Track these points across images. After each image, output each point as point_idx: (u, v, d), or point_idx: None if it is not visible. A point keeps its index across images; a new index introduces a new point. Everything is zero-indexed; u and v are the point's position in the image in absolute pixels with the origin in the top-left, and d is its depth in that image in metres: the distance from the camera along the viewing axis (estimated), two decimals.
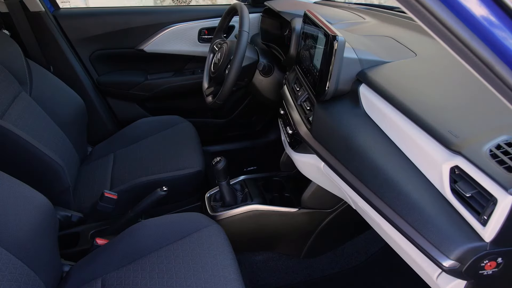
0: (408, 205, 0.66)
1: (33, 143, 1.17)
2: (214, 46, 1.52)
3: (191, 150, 1.53)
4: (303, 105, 1.08)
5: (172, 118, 1.76)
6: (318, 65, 0.98)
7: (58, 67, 1.72)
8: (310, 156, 1.06)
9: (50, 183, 1.23)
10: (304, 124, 1.03)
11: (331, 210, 1.32)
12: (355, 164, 0.79)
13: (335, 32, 0.90)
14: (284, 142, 1.29)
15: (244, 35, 1.24)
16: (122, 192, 1.35)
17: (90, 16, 1.79)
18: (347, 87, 0.93)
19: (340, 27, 1.26)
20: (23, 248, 0.90)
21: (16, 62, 1.40)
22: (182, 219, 1.14)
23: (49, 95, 1.49)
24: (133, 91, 1.87)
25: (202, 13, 1.84)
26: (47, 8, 1.68)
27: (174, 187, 1.34)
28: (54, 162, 1.21)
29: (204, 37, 1.83)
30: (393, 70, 0.92)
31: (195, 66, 1.91)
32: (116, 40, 1.79)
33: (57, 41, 1.70)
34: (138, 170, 1.44)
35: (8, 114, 1.25)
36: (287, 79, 1.28)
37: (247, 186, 1.44)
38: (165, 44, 1.81)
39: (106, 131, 1.87)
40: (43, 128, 1.38)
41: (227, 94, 1.29)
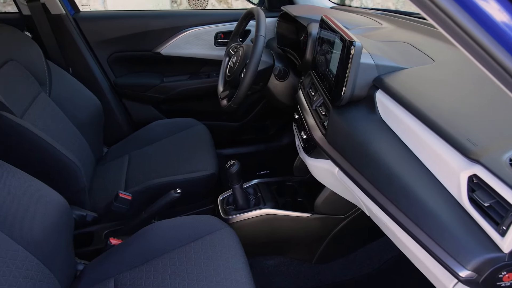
0: (424, 213, 0.65)
1: (51, 143, 1.19)
2: (230, 50, 1.53)
3: (205, 152, 1.54)
4: (318, 110, 1.08)
5: (186, 121, 1.77)
6: (334, 70, 0.97)
7: (77, 68, 1.76)
8: (324, 161, 1.06)
9: (66, 183, 1.25)
10: (319, 129, 1.03)
11: (344, 216, 1.31)
12: (371, 170, 0.79)
13: (352, 38, 0.90)
14: (298, 147, 1.29)
15: (260, 39, 1.24)
16: (136, 193, 1.36)
17: (109, 19, 1.82)
18: (363, 92, 0.93)
19: (357, 33, 1.25)
20: (40, 246, 0.92)
21: (36, 63, 1.43)
22: (195, 221, 1.15)
23: (68, 96, 1.51)
24: (149, 93, 1.89)
25: (218, 17, 1.86)
26: (67, 11, 1.72)
27: (188, 189, 1.35)
28: (71, 162, 1.23)
29: (220, 41, 1.84)
30: (410, 76, 0.91)
31: (211, 70, 1.93)
32: (133, 43, 1.82)
33: (77, 43, 1.73)
34: (152, 172, 1.46)
35: (27, 114, 1.28)
36: (302, 84, 1.28)
37: (260, 190, 1.44)
38: (182, 47, 1.82)
39: (122, 132, 1.89)
40: (61, 128, 1.41)
41: (242, 98, 1.30)
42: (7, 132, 1.15)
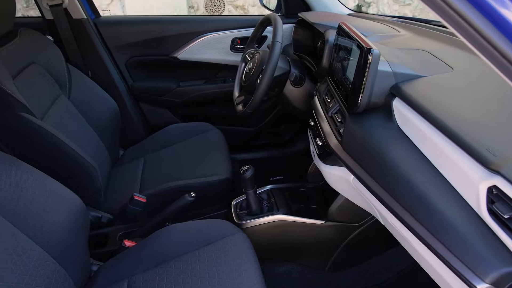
0: (442, 224, 0.64)
1: (70, 144, 1.21)
2: (246, 56, 1.54)
3: (219, 157, 1.55)
4: (334, 117, 1.07)
5: (201, 125, 1.79)
6: (351, 78, 0.97)
7: (96, 72, 1.79)
8: (339, 168, 1.05)
9: (83, 184, 1.27)
10: (335, 136, 1.02)
11: (358, 224, 1.30)
12: (387, 179, 0.78)
13: (369, 45, 0.90)
14: (313, 153, 1.28)
15: (277, 46, 1.24)
16: (151, 196, 1.37)
17: (128, 24, 1.85)
18: (380, 100, 0.92)
19: (374, 40, 1.24)
20: (56, 246, 0.93)
21: (57, 66, 1.47)
22: (209, 225, 1.15)
23: (86, 99, 1.54)
24: (166, 97, 1.91)
25: (235, 23, 1.87)
26: (88, 16, 1.76)
27: (202, 193, 1.36)
28: (89, 164, 1.25)
29: (237, 47, 1.86)
30: (428, 84, 0.90)
31: (227, 75, 1.94)
32: (151, 47, 1.85)
33: (96, 47, 1.77)
34: (167, 175, 1.47)
35: (47, 116, 1.30)
36: (318, 90, 1.28)
37: (273, 195, 1.44)
38: (198, 52, 1.84)
39: (138, 135, 1.92)
40: (79, 130, 1.44)
41: (257, 103, 1.30)
42: (28, 133, 1.18)
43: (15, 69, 1.25)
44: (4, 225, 0.85)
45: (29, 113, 1.17)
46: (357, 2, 5.12)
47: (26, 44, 1.36)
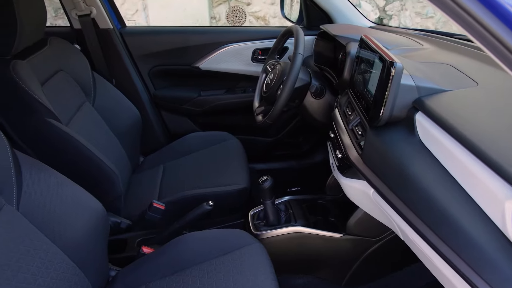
0: (466, 242, 0.62)
1: (93, 150, 1.24)
2: (267, 67, 1.55)
3: (237, 166, 1.56)
4: (354, 130, 1.07)
5: (221, 134, 1.80)
6: (373, 90, 0.97)
7: (120, 80, 1.83)
8: (359, 181, 1.04)
9: (104, 190, 1.29)
10: (355, 149, 1.02)
11: (377, 239, 1.28)
12: (408, 194, 0.77)
13: (392, 58, 0.89)
14: (332, 166, 1.28)
15: (298, 57, 1.25)
16: (170, 203, 1.38)
17: (152, 34, 1.90)
18: (402, 114, 0.91)
19: (397, 53, 1.24)
20: (77, 250, 0.95)
21: (83, 74, 1.51)
22: (226, 235, 1.15)
23: (110, 106, 1.58)
24: (186, 106, 1.94)
25: (257, 34, 1.89)
26: (115, 26, 1.81)
27: (219, 202, 1.36)
28: (110, 170, 1.28)
29: (258, 57, 1.87)
30: (452, 99, 0.88)
31: (247, 85, 1.96)
32: (174, 57, 1.88)
33: (121, 56, 1.81)
34: (185, 183, 1.48)
35: (72, 122, 1.34)
36: (339, 103, 1.28)
37: (291, 207, 1.44)
38: (220, 62, 1.87)
39: (158, 142, 1.94)
40: (102, 136, 1.47)
41: (277, 114, 1.31)
42: (53, 138, 1.21)
43: (44, 76, 1.29)
44: (29, 229, 0.87)
45: (55, 119, 1.20)
46: (378, 14, 5.10)
47: (55, 52, 1.40)
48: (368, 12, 4.97)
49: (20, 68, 1.16)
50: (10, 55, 1.18)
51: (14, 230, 0.85)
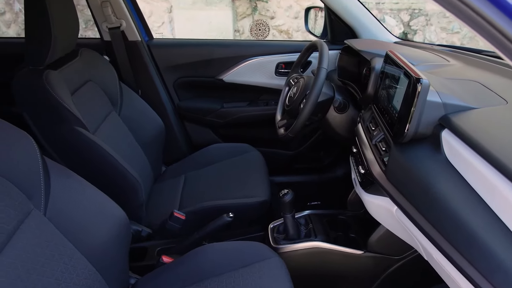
0: (495, 265, 0.60)
1: (118, 159, 1.27)
2: (290, 80, 1.55)
3: (258, 179, 1.56)
4: (378, 145, 1.05)
5: (242, 146, 1.81)
6: (398, 106, 0.96)
7: (146, 91, 1.87)
8: (382, 198, 1.02)
9: (127, 198, 1.32)
10: (378, 165, 1.00)
11: (399, 257, 1.25)
12: (434, 213, 0.75)
13: (418, 74, 0.88)
14: (354, 181, 1.26)
15: (322, 72, 1.25)
16: (190, 213, 1.39)
17: (178, 47, 1.94)
18: (428, 131, 0.90)
19: (423, 69, 1.22)
20: (99, 257, 0.97)
21: (111, 85, 1.55)
22: (245, 247, 1.15)
23: (135, 116, 1.62)
24: (209, 118, 1.96)
25: (280, 47, 1.91)
26: (142, 38, 1.86)
27: (239, 214, 1.36)
28: (134, 178, 1.30)
29: (281, 71, 1.88)
30: (480, 116, 0.87)
31: (269, 98, 1.97)
32: (198, 69, 1.91)
33: (148, 68, 1.86)
34: (206, 194, 1.49)
35: (99, 130, 1.38)
36: (362, 118, 1.27)
37: (311, 221, 1.42)
38: (243, 75, 1.89)
39: (180, 153, 1.97)
40: (126, 145, 1.50)
41: (300, 127, 1.31)
42: (81, 146, 1.25)
43: (74, 86, 1.34)
44: (55, 234, 0.89)
45: (83, 127, 1.24)
46: (403, 29, 5.07)
47: (85, 63, 1.45)
48: (392, 27, 4.94)
49: (52, 78, 1.21)
50: (43, 65, 1.23)
51: (40, 235, 0.87)
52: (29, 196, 0.88)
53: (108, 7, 1.73)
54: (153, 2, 5.09)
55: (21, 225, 0.84)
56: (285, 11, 5.14)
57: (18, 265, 0.80)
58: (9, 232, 0.81)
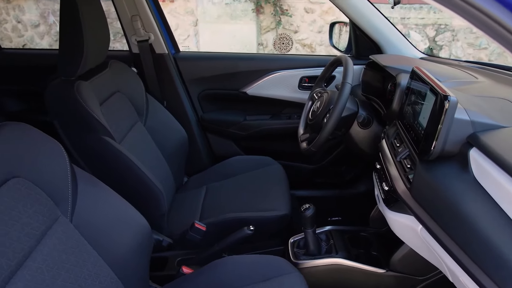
0: None
1: (142, 169, 1.29)
2: (314, 94, 1.56)
3: (279, 192, 1.55)
4: (403, 162, 1.04)
5: (264, 159, 1.81)
6: (424, 123, 0.94)
7: (171, 102, 1.91)
8: (407, 216, 1.00)
9: (150, 207, 1.33)
10: (403, 182, 0.99)
11: (422, 278, 1.22)
12: (461, 233, 0.73)
13: (446, 91, 0.87)
14: (378, 198, 1.24)
15: (347, 87, 1.25)
16: (211, 225, 1.40)
17: (204, 60, 1.98)
18: (455, 149, 0.88)
19: (450, 86, 1.20)
20: (121, 265, 0.98)
21: (138, 96, 1.59)
22: (265, 261, 1.14)
23: (159, 127, 1.65)
24: (232, 130, 1.98)
25: (304, 62, 1.92)
26: (169, 51, 1.91)
27: (260, 227, 1.36)
28: (157, 188, 1.32)
29: (304, 85, 1.89)
30: (510, 135, 0.84)
31: (292, 111, 1.97)
32: (223, 82, 1.94)
33: (174, 80, 1.90)
34: (227, 206, 1.50)
35: (125, 140, 1.41)
36: (387, 134, 1.25)
37: (332, 237, 1.40)
38: (267, 88, 1.90)
39: (202, 164, 1.99)
40: (150, 155, 1.53)
41: (323, 142, 1.30)
42: (107, 155, 1.28)
43: (103, 96, 1.38)
44: (79, 241, 0.91)
45: (110, 137, 1.27)
46: (428, 44, 5.01)
47: (114, 74, 1.50)
48: (417, 42, 4.90)
49: (83, 88, 1.25)
50: (75, 76, 1.28)
51: (66, 242, 0.89)
52: (56, 202, 0.90)
53: (138, 21, 1.79)
54: (180, 16, 5.22)
55: (48, 231, 0.86)
56: (308, 25, 5.18)
57: (44, 270, 0.82)
58: (37, 237, 0.83)
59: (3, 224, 0.77)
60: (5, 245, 0.75)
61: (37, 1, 5.33)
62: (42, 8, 5.36)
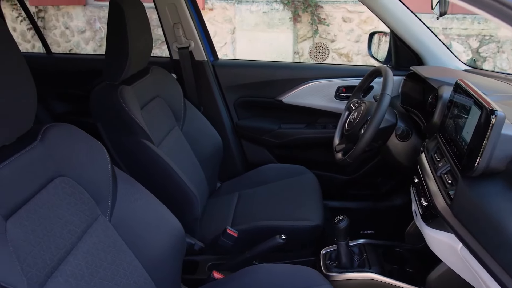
0: None
1: (178, 172, 1.32)
2: (351, 105, 1.54)
3: (312, 202, 1.54)
4: (443, 177, 1.00)
5: (297, 168, 1.80)
6: (468, 138, 0.91)
7: (207, 108, 1.95)
8: (446, 234, 0.97)
9: (184, 211, 1.36)
10: (443, 198, 0.95)
11: None
12: (506, 255, 0.69)
13: (493, 106, 0.84)
14: (415, 213, 1.21)
15: (386, 98, 1.23)
16: (242, 231, 1.40)
17: (241, 67, 2.00)
18: (501, 166, 0.84)
19: (496, 99, 1.15)
20: (155, 266, 1.00)
21: (177, 101, 1.63)
22: (296, 271, 1.13)
23: (196, 132, 1.68)
24: (266, 137, 1.99)
25: (342, 71, 1.90)
26: (208, 58, 1.95)
27: (291, 237, 1.35)
28: (192, 192, 1.34)
29: (341, 95, 1.87)
30: None
31: (328, 121, 1.95)
32: (259, 89, 1.95)
33: (211, 87, 1.93)
34: (259, 213, 1.50)
35: (162, 144, 1.45)
36: (426, 147, 1.22)
37: (366, 251, 1.37)
38: (303, 97, 1.90)
39: (236, 170, 2.00)
40: (186, 160, 1.56)
41: (359, 153, 1.28)
42: (145, 158, 1.32)
43: (144, 101, 1.43)
44: (117, 240, 0.94)
45: (149, 140, 1.31)
46: (471, 55, 4.83)
47: (155, 80, 1.55)
48: (459, 53, 4.74)
49: (125, 93, 1.30)
50: (119, 81, 1.33)
51: (105, 240, 0.92)
52: (97, 202, 0.94)
53: (180, 29, 1.84)
54: (218, 24, 5.32)
55: (89, 229, 0.90)
56: (346, 35, 5.13)
57: (83, 267, 0.85)
58: (78, 234, 0.87)
59: (48, 220, 0.81)
60: (49, 240, 0.79)
61: (85, 9, 5.61)
62: (88, 15, 5.63)
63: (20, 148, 0.81)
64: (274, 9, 5.12)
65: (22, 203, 0.77)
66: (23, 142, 0.83)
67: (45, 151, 0.85)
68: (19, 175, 0.78)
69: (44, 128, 0.88)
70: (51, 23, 5.77)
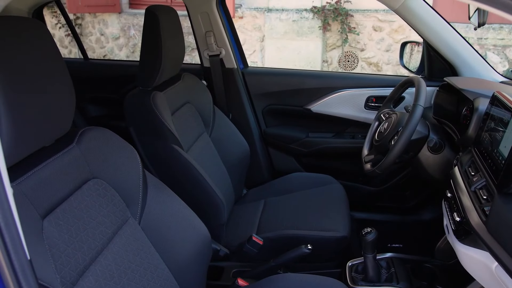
0: None
1: (206, 178, 1.33)
2: (381, 115, 1.51)
3: (339, 213, 1.52)
4: (478, 193, 0.97)
5: (324, 177, 1.78)
6: (505, 153, 0.88)
7: (236, 115, 1.96)
8: (480, 252, 0.93)
9: (210, 216, 1.37)
10: (478, 214, 0.92)
11: None
12: None
13: None
14: (447, 228, 1.17)
15: (418, 109, 1.20)
16: (268, 239, 1.40)
17: (270, 75, 2.01)
18: None
19: None
20: (181, 271, 1.01)
21: (206, 107, 1.66)
22: (322, 282, 1.12)
23: (224, 138, 1.70)
24: (293, 146, 1.98)
25: (372, 81, 1.87)
26: (238, 66, 1.97)
27: (317, 247, 1.33)
28: (219, 198, 1.35)
29: (371, 105, 1.84)
30: None
31: (357, 131, 1.93)
32: (288, 98, 1.96)
33: (240, 94, 1.95)
34: (285, 221, 1.49)
35: (191, 149, 1.47)
36: (460, 161, 1.18)
37: (394, 265, 1.34)
38: (332, 106, 1.88)
39: (262, 177, 2.00)
40: (214, 166, 1.58)
41: (389, 165, 1.26)
42: (174, 163, 1.34)
43: (175, 106, 1.46)
44: (145, 243, 0.96)
45: (179, 145, 1.33)
46: (507, 66, 4.66)
47: (186, 86, 1.58)
48: (495, 64, 4.59)
49: (158, 98, 1.33)
50: (151, 87, 1.37)
51: (134, 243, 0.94)
52: (128, 204, 0.96)
53: (211, 37, 1.87)
54: (247, 32, 5.37)
55: (119, 231, 0.92)
56: (376, 44, 5.07)
57: (113, 268, 0.87)
58: (108, 236, 0.89)
59: (82, 221, 0.83)
60: (82, 240, 0.82)
61: (119, 16, 5.79)
62: (123, 22, 5.81)
63: (58, 150, 0.84)
64: (303, 18, 5.13)
65: (58, 203, 0.80)
66: (61, 144, 0.86)
67: (81, 153, 0.88)
68: (57, 176, 0.81)
69: (81, 132, 0.91)
70: (88, 30, 5.99)
